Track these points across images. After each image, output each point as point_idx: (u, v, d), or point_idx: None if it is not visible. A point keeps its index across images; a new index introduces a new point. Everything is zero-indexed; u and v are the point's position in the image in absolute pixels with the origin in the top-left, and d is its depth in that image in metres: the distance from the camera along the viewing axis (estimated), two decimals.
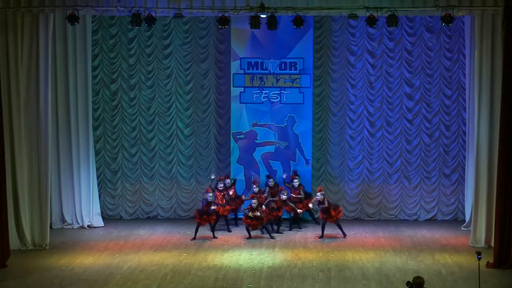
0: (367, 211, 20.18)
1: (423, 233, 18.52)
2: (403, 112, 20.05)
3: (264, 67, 19.69)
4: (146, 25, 16.58)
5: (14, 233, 16.69)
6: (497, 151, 15.99)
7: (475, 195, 16.96)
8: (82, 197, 19.12)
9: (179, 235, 18.34)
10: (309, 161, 19.78)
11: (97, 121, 20.11)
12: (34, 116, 16.88)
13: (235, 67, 19.70)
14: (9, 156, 16.48)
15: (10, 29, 16.49)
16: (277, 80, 19.71)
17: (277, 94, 19.74)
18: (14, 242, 16.51)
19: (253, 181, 18.99)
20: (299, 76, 19.65)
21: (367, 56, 20.01)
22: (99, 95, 20.16)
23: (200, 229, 17.87)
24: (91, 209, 19.24)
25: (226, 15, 16.45)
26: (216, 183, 18.83)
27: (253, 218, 17.68)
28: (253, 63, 19.70)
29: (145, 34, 20.07)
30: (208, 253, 16.52)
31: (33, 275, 14.86)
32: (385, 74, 20.01)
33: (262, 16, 16.55)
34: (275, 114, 19.77)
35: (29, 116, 16.87)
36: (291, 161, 19.76)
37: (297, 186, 18.86)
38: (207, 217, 17.84)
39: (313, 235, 18.21)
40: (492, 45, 16.40)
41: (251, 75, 19.71)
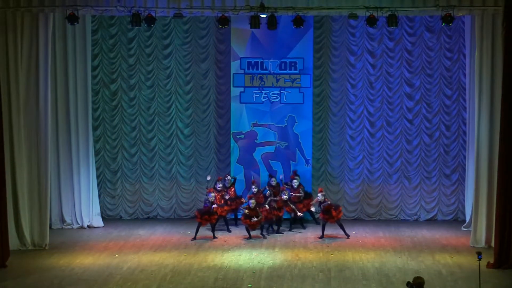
0: (367, 211, 20.16)
1: (423, 233, 18.50)
2: (403, 112, 20.03)
3: (264, 67, 19.67)
4: (146, 25, 16.56)
5: (14, 233, 16.68)
6: (497, 151, 15.98)
7: (476, 195, 16.94)
8: (82, 197, 19.10)
9: (179, 235, 18.32)
10: (309, 161, 19.76)
11: (96, 121, 20.09)
12: (34, 116, 16.86)
13: (235, 67, 19.67)
14: (9, 156, 16.46)
15: (10, 29, 16.47)
16: (277, 80, 19.68)
17: (277, 94, 19.72)
18: (13, 242, 16.49)
19: (253, 182, 18.97)
20: (299, 76, 19.63)
21: (367, 56, 19.98)
22: (99, 95, 20.14)
23: (200, 229, 17.86)
24: (90, 209, 19.23)
25: (226, 15, 16.43)
26: (214, 183, 18.80)
27: (251, 218, 17.66)
28: (253, 63, 19.68)
29: (145, 34, 20.05)
30: (208, 253, 16.50)
31: (32, 275, 14.84)
32: (385, 74, 19.99)
33: (262, 16, 16.53)
34: (275, 114, 19.74)
35: (28, 116, 16.85)
36: (291, 161, 19.74)
37: (296, 186, 18.84)
38: (208, 216, 17.81)
39: (313, 235, 18.20)
40: (492, 45, 16.39)
41: (251, 75, 19.69)
